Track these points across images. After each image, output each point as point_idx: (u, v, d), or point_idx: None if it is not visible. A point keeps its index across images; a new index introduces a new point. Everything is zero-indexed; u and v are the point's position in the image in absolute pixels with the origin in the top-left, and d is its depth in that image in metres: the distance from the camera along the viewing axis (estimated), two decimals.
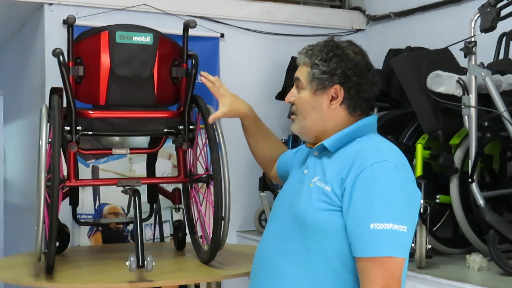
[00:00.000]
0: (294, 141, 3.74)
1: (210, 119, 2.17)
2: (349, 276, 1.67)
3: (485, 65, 2.83)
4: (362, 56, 1.77)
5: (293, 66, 3.70)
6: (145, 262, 2.08)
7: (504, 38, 3.24)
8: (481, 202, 2.69)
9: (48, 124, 2.24)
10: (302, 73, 1.78)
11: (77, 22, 2.33)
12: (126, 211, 3.64)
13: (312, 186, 1.72)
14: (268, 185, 3.73)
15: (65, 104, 2.33)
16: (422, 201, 2.76)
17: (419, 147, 2.87)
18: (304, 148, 1.93)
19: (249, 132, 2.19)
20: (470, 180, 2.73)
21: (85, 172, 3.53)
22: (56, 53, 2.26)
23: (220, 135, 2.33)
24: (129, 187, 2.37)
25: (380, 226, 1.57)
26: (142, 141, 3.25)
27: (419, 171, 2.85)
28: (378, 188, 1.60)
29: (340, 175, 1.67)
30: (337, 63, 1.73)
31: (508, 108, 2.71)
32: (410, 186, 1.66)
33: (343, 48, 1.77)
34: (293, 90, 1.82)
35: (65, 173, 2.42)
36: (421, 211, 2.75)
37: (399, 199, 1.61)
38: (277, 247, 1.77)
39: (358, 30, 4.36)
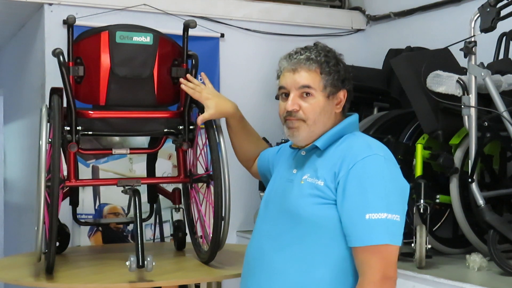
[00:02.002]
0: None
1: (198, 120, 2.23)
2: (346, 267, 1.73)
3: (485, 65, 2.83)
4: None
5: None
6: (145, 262, 2.08)
7: (504, 38, 3.24)
8: (481, 202, 2.69)
9: (48, 124, 2.24)
10: (311, 79, 1.79)
11: (77, 22, 2.33)
12: (126, 211, 3.64)
13: (303, 183, 1.78)
14: None
15: (65, 104, 2.33)
16: (422, 201, 2.76)
17: (419, 147, 2.87)
18: (287, 148, 1.98)
19: (234, 131, 2.25)
20: (470, 180, 2.73)
21: (85, 172, 3.53)
22: (56, 53, 2.26)
23: (220, 135, 2.33)
24: (129, 187, 2.36)
25: (375, 216, 1.64)
26: (142, 141, 3.25)
27: (419, 171, 2.85)
28: (371, 180, 1.68)
29: (333, 170, 1.73)
30: (343, 69, 1.83)
31: (508, 108, 2.71)
32: (400, 177, 1.75)
33: (336, 53, 1.86)
34: (295, 98, 1.81)
35: (65, 173, 2.42)
36: (421, 211, 2.76)
37: (391, 190, 1.68)
38: (271, 244, 1.81)
39: (358, 30, 4.36)
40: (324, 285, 1.72)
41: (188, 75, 2.33)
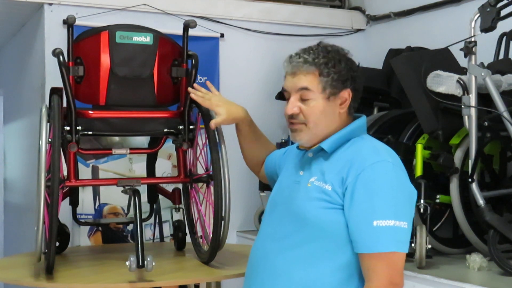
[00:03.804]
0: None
1: (212, 124, 2.20)
2: (351, 272, 1.72)
3: (485, 65, 2.83)
4: (353, 58, 1.84)
5: None
6: (145, 262, 2.08)
7: (504, 38, 3.24)
8: (481, 202, 2.69)
9: (48, 124, 2.24)
10: (309, 82, 1.77)
11: (77, 22, 2.33)
12: (126, 211, 3.64)
13: (310, 185, 1.77)
14: (268, 185, 3.73)
15: (65, 104, 2.33)
16: (422, 201, 2.76)
17: (419, 147, 2.87)
18: (294, 149, 1.96)
19: (244, 136, 2.23)
20: (470, 180, 2.73)
21: (85, 172, 3.53)
22: (56, 53, 2.26)
23: (220, 135, 2.33)
24: (129, 187, 2.36)
25: (383, 223, 1.63)
26: (142, 141, 3.25)
27: (419, 171, 2.85)
28: (379, 187, 1.67)
29: (340, 174, 1.72)
30: (346, 68, 1.79)
31: (508, 108, 2.71)
32: (408, 184, 1.73)
33: (340, 51, 1.82)
34: (295, 101, 1.80)
35: (65, 173, 2.42)
36: (421, 211, 2.76)
37: (399, 197, 1.67)
38: (274, 246, 1.80)
39: (358, 30, 4.36)
40: None
41: (195, 85, 2.32)
